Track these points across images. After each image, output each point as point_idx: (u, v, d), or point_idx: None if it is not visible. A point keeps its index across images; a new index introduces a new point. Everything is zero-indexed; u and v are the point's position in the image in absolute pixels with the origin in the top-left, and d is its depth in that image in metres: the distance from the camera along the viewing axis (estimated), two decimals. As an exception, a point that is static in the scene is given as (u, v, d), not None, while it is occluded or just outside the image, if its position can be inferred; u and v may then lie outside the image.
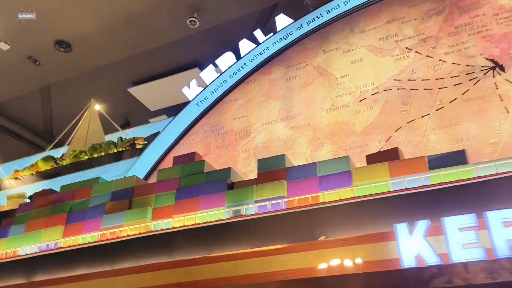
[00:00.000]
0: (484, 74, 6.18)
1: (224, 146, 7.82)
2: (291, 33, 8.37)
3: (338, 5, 8.09)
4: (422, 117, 6.31)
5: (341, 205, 5.18)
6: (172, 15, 11.57)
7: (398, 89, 6.75)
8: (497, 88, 6.02)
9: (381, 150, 6.16)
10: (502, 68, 6.11)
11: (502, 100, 5.89)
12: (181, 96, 9.57)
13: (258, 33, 8.85)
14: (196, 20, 11.61)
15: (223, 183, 5.95)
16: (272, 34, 8.66)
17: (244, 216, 5.57)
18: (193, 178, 6.29)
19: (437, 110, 6.24)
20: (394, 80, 6.87)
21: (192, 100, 8.83)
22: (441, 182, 4.78)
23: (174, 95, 11.89)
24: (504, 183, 4.48)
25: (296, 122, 7.40)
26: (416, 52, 6.91)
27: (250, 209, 5.64)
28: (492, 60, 6.22)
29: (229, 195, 5.84)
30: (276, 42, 8.47)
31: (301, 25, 8.37)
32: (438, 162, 5.02)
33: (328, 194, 5.34)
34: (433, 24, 7.03)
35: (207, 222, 5.66)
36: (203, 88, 8.86)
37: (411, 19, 7.27)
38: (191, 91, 9.02)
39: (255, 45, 8.70)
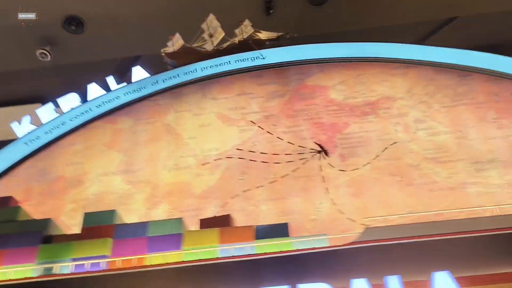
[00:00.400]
0: (312, 156, 6.92)
1: (49, 193, 7.02)
2: (145, 87, 8.30)
3: (196, 69, 8.41)
4: (257, 187, 6.67)
5: (168, 270, 5.05)
6: (20, 42, 10.60)
7: (239, 158, 7.10)
8: (321, 170, 6.76)
9: (216, 215, 6.27)
10: (326, 153, 6.93)
11: (324, 181, 6.62)
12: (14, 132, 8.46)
13: (110, 80, 8.54)
14: (47, 53, 10.83)
15: (37, 236, 5.30)
16: (125, 83, 8.45)
17: (56, 275, 5.01)
18: (1, 227, 5.47)
19: (270, 182, 6.68)
20: (237, 149, 7.23)
21: (21, 137, 7.87)
22: (265, 252, 5.05)
23: (6, 129, 10.50)
24: (317, 258, 4.90)
25: (136, 177, 7.12)
26: (258, 126, 7.45)
27: (65, 268, 5.11)
28: (319, 145, 7.04)
29: (42, 250, 5.23)
30: (128, 93, 8.27)
31: (156, 81, 8.38)
32: (264, 232, 5.32)
33: (155, 257, 5.22)
34: (276, 105, 7.74)
35: (8, 280, 4.90)
36: (36, 126, 8.01)
37: (258, 96, 7.91)
38: (21, 127, 8.06)
39: (105, 91, 8.34)
